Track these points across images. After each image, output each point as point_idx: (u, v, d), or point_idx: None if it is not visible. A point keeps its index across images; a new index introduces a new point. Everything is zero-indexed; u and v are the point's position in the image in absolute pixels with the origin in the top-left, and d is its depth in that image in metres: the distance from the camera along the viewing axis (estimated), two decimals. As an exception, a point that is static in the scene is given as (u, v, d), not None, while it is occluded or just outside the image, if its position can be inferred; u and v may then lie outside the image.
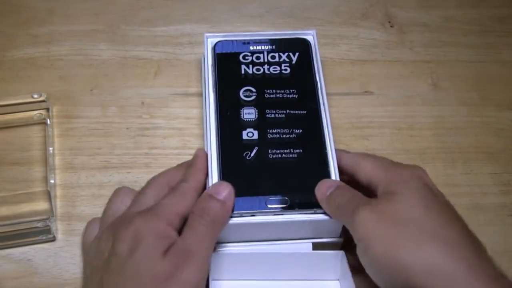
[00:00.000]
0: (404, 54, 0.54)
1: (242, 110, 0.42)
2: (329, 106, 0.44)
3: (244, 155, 0.40)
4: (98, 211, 0.44)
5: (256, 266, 0.39)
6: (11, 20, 0.54)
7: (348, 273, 0.38)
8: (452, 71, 0.54)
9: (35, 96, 0.48)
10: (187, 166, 0.41)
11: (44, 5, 0.55)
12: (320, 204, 0.38)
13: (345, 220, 0.37)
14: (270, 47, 0.46)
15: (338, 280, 0.41)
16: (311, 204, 0.38)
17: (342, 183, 0.39)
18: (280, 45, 0.46)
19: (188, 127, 0.49)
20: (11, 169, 0.46)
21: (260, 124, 0.42)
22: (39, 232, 0.42)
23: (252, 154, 0.40)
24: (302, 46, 0.46)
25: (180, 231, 0.37)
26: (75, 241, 0.43)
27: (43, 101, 0.48)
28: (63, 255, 0.42)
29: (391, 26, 0.56)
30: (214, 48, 0.46)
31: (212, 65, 0.45)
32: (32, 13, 0.55)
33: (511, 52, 0.55)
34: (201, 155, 0.41)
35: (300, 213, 0.38)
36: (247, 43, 0.46)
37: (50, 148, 0.46)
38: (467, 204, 0.46)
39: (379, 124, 0.50)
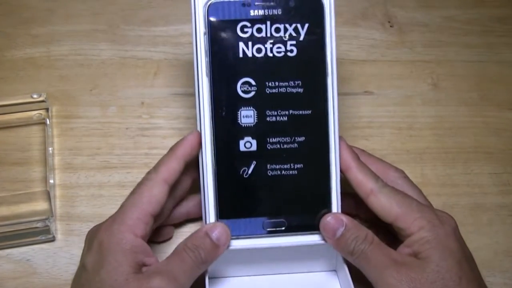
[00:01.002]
0: (404, 54, 0.54)
1: (239, 112, 0.37)
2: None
3: (241, 172, 0.37)
4: (97, 211, 0.44)
5: (252, 262, 0.39)
6: (11, 20, 0.54)
7: (343, 265, 0.38)
8: (452, 71, 0.53)
9: (35, 96, 0.47)
10: (169, 149, 0.38)
11: (44, 5, 0.55)
12: (329, 243, 0.37)
13: (364, 270, 0.36)
14: (275, 11, 0.37)
15: (335, 271, 0.40)
16: (308, 227, 0.38)
17: (349, 222, 0.37)
18: (288, 9, 0.37)
19: (188, 127, 0.49)
20: (11, 169, 0.46)
21: (259, 130, 0.37)
22: (38, 232, 0.42)
23: (249, 171, 0.37)
24: (314, 13, 0.38)
25: (149, 234, 0.36)
26: (75, 241, 0.43)
27: (43, 101, 0.48)
28: (63, 255, 0.42)
29: (391, 26, 0.56)
30: (207, 12, 0.37)
31: (205, 33, 0.37)
32: (32, 13, 0.55)
33: (511, 52, 0.55)
34: (188, 139, 0.37)
35: (297, 235, 0.38)
36: (247, 5, 0.37)
37: (50, 148, 0.46)
38: (467, 204, 0.46)
39: (379, 124, 0.50)
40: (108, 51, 0.53)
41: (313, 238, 0.38)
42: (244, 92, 0.37)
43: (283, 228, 0.38)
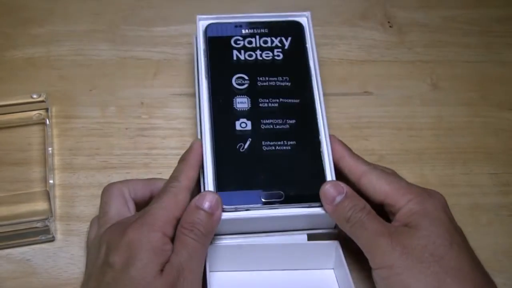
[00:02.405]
0: (404, 54, 0.54)
1: (235, 99, 0.42)
2: (328, 106, 0.44)
3: (237, 147, 0.40)
4: (97, 211, 0.44)
5: (252, 257, 0.40)
6: (11, 20, 0.54)
7: (344, 263, 0.38)
8: (452, 71, 0.53)
9: (34, 96, 0.48)
10: (180, 159, 0.40)
11: (44, 5, 0.55)
12: (325, 210, 0.38)
13: (358, 237, 0.37)
14: (262, 30, 0.45)
15: (333, 269, 0.41)
16: (306, 198, 0.39)
17: (349, 190, 0.38)
18: (273, 28, 0.45)
19: (187, 127, 0.49)
20: (11, 169, 0.46)
21: (253, 113, 0.42)
22: (38, 232, 0.42)
23: (245, 146, 0.40)
24: (295, 30, 0.46)
25: (173, 236, 0.36)
26: (74, 241, 0.43)
27: (42, 101, 0.48)
28: (62, 255, 0.42)
29: (390, 26, 0.56)
30: (205, 31, 0.45)
31: (204, 49, 0.44)
32: (32, 13, 0.55)
33: (511, 52, 0.55)
34: (196, 148, 0.40)
35: (295, 207, 0.38)
36: (239, 26, 0.45)
37: (49, 148, 0.46)
38: (466, 204, 0.46)
39: (378, 124, 0.50)
40: (107, 51, 0.53)
41: (310, 210, 0.39)
42: (239, 84, 0.43)
43: (281, 199, 0.39)
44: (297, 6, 0.57)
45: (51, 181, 0.45)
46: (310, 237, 0.40)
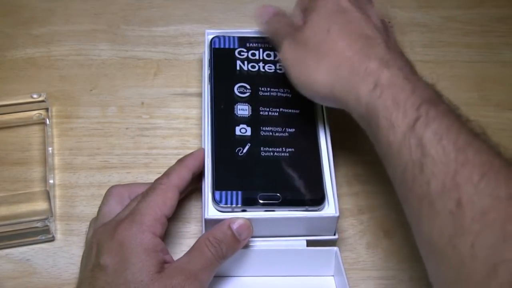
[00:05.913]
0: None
1: (236, 106, 0.43)
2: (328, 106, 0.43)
3: (236, 150, 0.41)
4: (97, 211, 0.44)
5: (250, 262, 0.39)
6: (12, 20, 0.54)
7: (342, 270, 0.38)
8: (452, 71, 0.53)
9: (35, 96, 0.48)
10: (177, 160, 0.41)
11: (44, 5, 0.55)
12: (259, 27, 0.44)
13: (276, 46, 0.42)
14: (266, 45, 0.46)
15: (333, 276, 0.41)
16: (302, 202, 0.39)
17: (280, 11, 0.43)
18: None
19: (187, 127, 0.49)
20: (11, 169, 0.46)
21: (253, 120, 0.42)
22: (38, 232, 0.42)
23: (244, 150, 0.41)
24: None
25: (164, 234, 0.36)
26: (74, 241, 0.43)
27: (43, 101, 0.48)
28: (62, 255, 0.42)
29: (391, 27, 0.56)
30: (210, 43, 0.46)
31: (209, 60, 0.45)
32: (32, 13, 0.55)
33: (511, 52, 0.55)
34: (196, 154, 0.41)
35: (291, 210, 0.39)
36: (244, 40, 0.47)
37: (50, 148, 0.47)
38: (466, 204, 0.46)
39: (378, 124, 0.50)
40: (108, 51, 0.53)
41: (307, 213, 0.39)
42: (240, 93, 0.44)
43: (278, 202, 0.39)
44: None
45: (51, 181, 0.45)
46: (310, 244, 0.40)
